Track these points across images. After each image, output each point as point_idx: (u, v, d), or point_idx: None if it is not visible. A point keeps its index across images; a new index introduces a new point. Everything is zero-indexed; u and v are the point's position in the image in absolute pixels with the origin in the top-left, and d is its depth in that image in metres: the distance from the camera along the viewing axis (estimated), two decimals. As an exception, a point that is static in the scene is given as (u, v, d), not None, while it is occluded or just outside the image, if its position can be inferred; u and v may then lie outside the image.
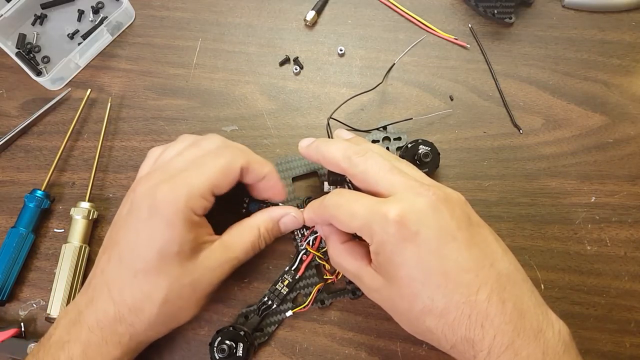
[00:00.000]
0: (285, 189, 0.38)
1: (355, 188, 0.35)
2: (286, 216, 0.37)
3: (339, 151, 0.34)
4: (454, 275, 0.29)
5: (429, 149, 0.40)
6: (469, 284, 0.28)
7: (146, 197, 0.33)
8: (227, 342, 0.36)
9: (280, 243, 0.41)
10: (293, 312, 0.39)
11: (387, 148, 0.43)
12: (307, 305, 0.38)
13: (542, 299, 0.30)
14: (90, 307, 0.33)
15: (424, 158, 0.40)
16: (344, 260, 0.35)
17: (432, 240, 0.29)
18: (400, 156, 0.40)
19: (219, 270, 0.34)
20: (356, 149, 0.34)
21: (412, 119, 0.43)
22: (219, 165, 0.34)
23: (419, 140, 0.41)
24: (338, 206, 0.33)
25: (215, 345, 0.36)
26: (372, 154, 0.33)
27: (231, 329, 0.36)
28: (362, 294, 0.38)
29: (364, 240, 0.32)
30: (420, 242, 0.29)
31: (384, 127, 0.43)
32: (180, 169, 0.34)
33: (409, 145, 0.41)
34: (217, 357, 0.35)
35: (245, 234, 0.36)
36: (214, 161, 0.34)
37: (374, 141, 0.43)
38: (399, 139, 0.43)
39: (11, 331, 0.39)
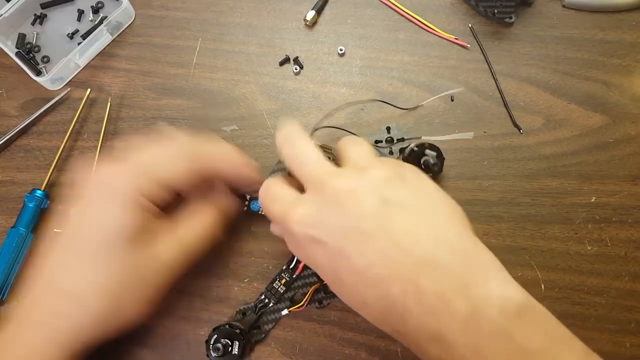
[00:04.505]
0: (253, 170, 0.36)
1: None
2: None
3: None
4: (363, 272, 0.27)
5: (435, 154, 0.40)
6: (380, 280, 0.27)
7: (89, 180, 0.32)
8: (223, 340, 0.35)
9: (280, 242, 0.41)
10: (289, 311, 0.38)
11: (390, 150, 0.43)
12: (302, 305, 0.38)
13: (498, 266, 0.27)
14: (34, 305, 0.31)
15: (432, 167, 0.39)
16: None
17: (335, 240, 0.28)
18: (403, 159, 0.40)
19: (170, 264, 0.33)
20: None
21: (421, 105, 0.43)
22: (163, 148, 0.33)
23: (426, 145, 0.40)
24: (264, 206, 0.33)
25: (211, 343, 0.36)
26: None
27: (227, 326, 0.36)
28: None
29: None
30: (325, 245, 0.28)
31: (387, 129, 0.43)
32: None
33: (415, 149, 0.40)
34: (213, 356, 0.35)
35: (198, 224, 0.35)
36: (156, 145, 0.33)
37: (376, 141, 0.43)
38: (402, 139, 0.43)
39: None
